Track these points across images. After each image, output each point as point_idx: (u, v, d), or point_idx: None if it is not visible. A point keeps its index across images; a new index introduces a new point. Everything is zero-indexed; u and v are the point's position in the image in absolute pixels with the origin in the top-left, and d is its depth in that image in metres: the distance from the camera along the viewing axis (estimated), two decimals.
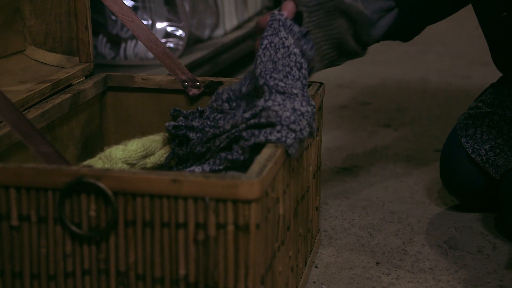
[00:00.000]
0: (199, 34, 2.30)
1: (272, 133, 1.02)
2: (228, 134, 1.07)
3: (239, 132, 1.05)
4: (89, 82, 1.31)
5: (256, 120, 1.04)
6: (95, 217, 0.93)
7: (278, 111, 1.04)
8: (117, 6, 1.30)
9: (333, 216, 1.46)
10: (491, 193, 1.43)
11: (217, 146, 1.09)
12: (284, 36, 1.16)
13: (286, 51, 1.16)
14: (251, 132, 1.04)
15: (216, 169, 1.06)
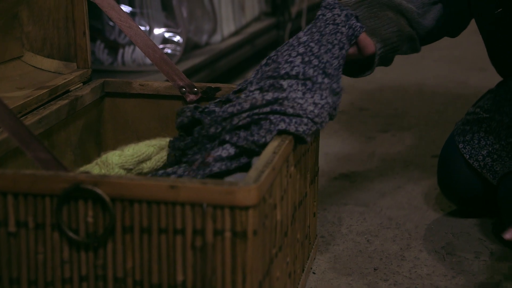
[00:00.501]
0: (197, 40, 2.30)
1: (300, 125, 1.07)
2: (249, 113, 1.09)
3: (264, 114, 1.08)
4: (87, 88, 1.31)
5: (281, 108, 1.08)
6: (92, 223, 0.93)
7: (303, 104, 1.10)
8: (115, 12, 1.30)
9: (330, 222, 1.46)
10: (489, 199, 1.43)
11: (234, 124, 1.10)
12: (337, 13, 1.23)
13: (334, 28, 1.21)
14: (281, 118, 1.07)
15: (232, 153, 1.07)
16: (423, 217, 1.49)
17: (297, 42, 1.19)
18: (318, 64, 1.17)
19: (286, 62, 1.17)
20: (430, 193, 1.60)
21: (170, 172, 1.10)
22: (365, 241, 1.38)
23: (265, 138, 1.07)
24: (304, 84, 1.14)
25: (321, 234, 1.41)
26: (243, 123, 1.09)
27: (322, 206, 1.53)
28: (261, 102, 1.10)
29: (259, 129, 1.08)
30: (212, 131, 1.12)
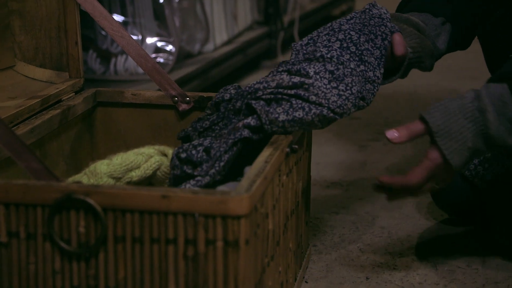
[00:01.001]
0: (189, 49, 2.30)
1: (318, 115, 1.12)
2: (273, 91, 1.13)
3: (287, 96, 1.12)
4: (79, 98, 1.31)
5: (305, 93, 1.12)
6: (84, 233, 0.93)
7: (327, 93, 1.13)
8: (107, 21, 1.30)
9: (322, 231, 1.47)
10: (481, 207, 1.43)
11: (258, 96, 1.13)
12: (384, 12, 1.26)
13: (379, 21, 1.24)
14: (301, 104, 1.12)
15: (258, 125, 1.11)
16: (415, 226, 1.49)
17: (338, 28, 1.23)
18: (355, 51, 1.20)
19: (324, 46, 1.21)
20: (422, 202, 1.60)
21: (196, 144, 1.12)
22: (357, 250, 1.39)
23: (278, 115, 1.11)
24: (334, 70, 1.17)
25: (314, 243, 1.41)
26: (265, 97, 1.13)
27: (314, 215, 1.53)
28: (287, 83, 1.14)
29: (277, 106, 1.12)
30: (238, 105, 1.16)
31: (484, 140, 1.14)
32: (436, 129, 1.13)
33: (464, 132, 1.13)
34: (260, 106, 1.12)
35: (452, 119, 1.13)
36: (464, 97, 1.15)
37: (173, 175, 1.11)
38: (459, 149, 1.13)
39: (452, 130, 1.13)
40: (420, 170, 1.15)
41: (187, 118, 1.34)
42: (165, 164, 1.18)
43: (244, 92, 1.15)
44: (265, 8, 2.89)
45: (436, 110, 1.14)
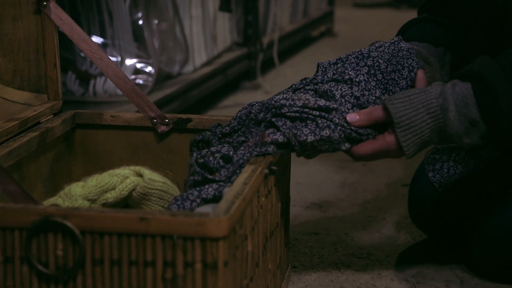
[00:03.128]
0: (169, 70, 2.31)
1: (342, 130, 1.16)
2: (298, 109, 1.15)
3: (313, 116, 1.16)
4: (58, 120, 1.31)
5: (329, 116, 1.16)
6: (62, 256, 0.92)
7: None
8: (85, 43, 1.30)
9: (302, 252, 1.47)
10: (459, 227, 1.44)
11: (283, 112, 1.15)
12: (410, 47, 1.27)
13: (407, 55, 1.26)
14: (327, 123, 1.15)
15: (285, 141, 1.14)
16: (394, 246, 1.50)
17: (367, 54, 1.26)
18: (381, 79, 1.23)
19: (353, 69, 1.23)
20: (400, 222, 1.61)
21: (214, 151, 1.13)
22: (337, 271, 1.39)
23: (306, 137, 1.14)
24: (360, 97, 1.20)
25: (293, 264, 1.41)
26: (291, 115, 1.15)
27: (294, 236, 1.53)
28: (313, 105, 1.16)
29: (304, 126, 1.15)
30: (260, 116, 1.17)
31: (440, 136, 1.17)
32: (397, 121, 1.16)
33: (423, 126, 1.16)
34: (287, 127, 1.15)
35: (414, 112, 1.16)
36: (429, 92, 1.17)
37: (194, 180, 1.13)
38: (415, 141, 1.17)
39: (413, 124, 1.16)
40: (371, 146, 1.18)
41: (166, 139, 1.34)
42: (140, 184, 1.18)
43: (269, 105, 1.17)
44: (244, 29, 2.91)
45: (400, 101, 1.17)
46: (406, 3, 5.28)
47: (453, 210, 1.44)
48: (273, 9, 3.19)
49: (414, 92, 1.17)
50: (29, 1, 1.30)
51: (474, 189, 1.42)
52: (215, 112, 2.50)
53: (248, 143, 1.15)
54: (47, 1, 1.28)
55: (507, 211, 1.30)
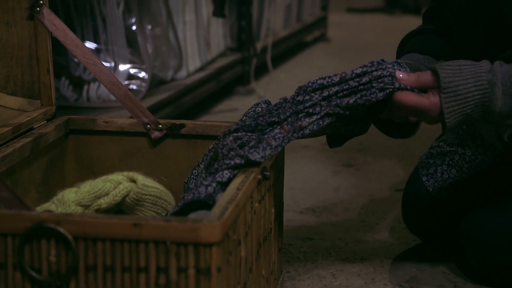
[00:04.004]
0: (162, 76, 2.31)
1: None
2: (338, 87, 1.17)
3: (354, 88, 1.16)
4: (51, 126, 1.31)
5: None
6: (55, 262, 0.92)
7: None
8: (78, 49, 1.30)
9: (296, 257, 1.47)
10: (453, 232, 1.44)
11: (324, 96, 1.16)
12: (405, 61, 1.25)
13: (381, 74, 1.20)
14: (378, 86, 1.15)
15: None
16: (387, 251, 1.50)
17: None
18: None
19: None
20: (394, 227, 1.61)
21: (249, 139, 1.14)
22: (331, 276, 1.39)
23: (348, 101, 1.14)
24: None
25: (287, 269, 1.41)
26: (346, 92, 1.16)
27: (288, 241, 1.53)
28: (351, 75, 1.17)
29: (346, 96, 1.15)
30: (299, 99, 1.17)
31: (483, 112, 1.16)
32: (444, 85, 1.15)
33: (469, 97, 1.15)
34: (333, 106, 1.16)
35: (462, 81, 1.15)
36: (480, 66, 1.16)
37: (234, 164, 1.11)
38: (458, 111, 1.15)
39: (459, 92, 1.15)
40: (415, 99, 1.16)
41: (159, 145, 1.34)
42: (134, 190, 1.18)
43: (308, 88, 1.17)
44: (238, 34, 2.91)
45: (450, 68, 1.16)
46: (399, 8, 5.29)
47: (447, 214, 1.45)
48: (267, 14, 3.20)
49: (465, 63, 1.17)
50: (22, 6, 1.30)
51: (468, 193, 1.42)
52: (209, 118, 2.50)
53: (283, 127, 1.15)
54: (40, 7, 1.28)
55: (500, 215, 1.31)
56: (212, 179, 1.08)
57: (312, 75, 1.30)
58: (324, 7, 4.19)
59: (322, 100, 1.16)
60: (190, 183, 1.23)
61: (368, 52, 3.68)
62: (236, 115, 2.53)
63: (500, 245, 1.29)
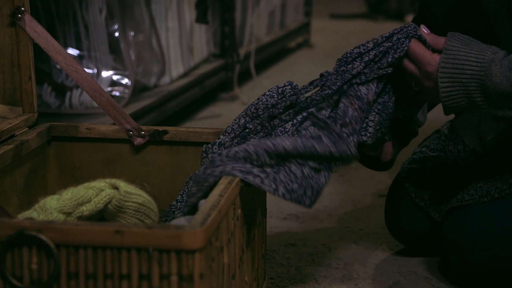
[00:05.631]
0: (145, 82, 2.30)
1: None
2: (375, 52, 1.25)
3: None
4: (33, 133, 1.31)
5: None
6: (37, 270, 0.92)
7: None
8: (61, 56, 1.30)
9: (279, 263, 1.47)
10: (435, 237, 1.45)
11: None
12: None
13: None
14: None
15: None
16: (371, 256, 1.50)
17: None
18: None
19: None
20: (378, 232, 1.61)
21: (301, 119, 1.20)
22: (314, 282, 1.39)
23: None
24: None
25: (270, 275, 1.41)
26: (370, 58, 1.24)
27: (271, 247, 1.53)
28: (382, 40, 1.25)
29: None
30: (343, 69, 1.25)
31: (479, 87, 1.19)
32: (447, 47, 1.21)
33: (465, 65, 1.20)
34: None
35: (465, 50, 1.20)
36: (490, 46, 1.21)
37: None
38: (452, 76, 1.20)
39: (458, 57, 1.20)
40: (422, 49, 1.23)
41: (142, 152, 1.33)
42: (116, 197, 1.17)
43: (352, 54, 1.25)
44: (221, 41, 2.91)
45: (460, 38, 1.22)
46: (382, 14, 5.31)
47: (429, 220, 1.45)
48: (250, 20, 3.20)
49: (478, 42, 1.22)
50: (4, 13, 1.29)
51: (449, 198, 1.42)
52: (192, 124, 2.50)
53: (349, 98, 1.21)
54: (22, 14, 1.28)
55: (481, 221, 1.31)
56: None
57: (296, 81, 1.30)
58: (308, 13, 4.20)
59: (365, 67, 1.23)
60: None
61: None
62: (220, 121, 2.53)
63: (482, 251, 1.30)
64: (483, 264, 1.30)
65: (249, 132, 1.23)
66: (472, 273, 1.32)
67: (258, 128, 1.22)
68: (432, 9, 1.37)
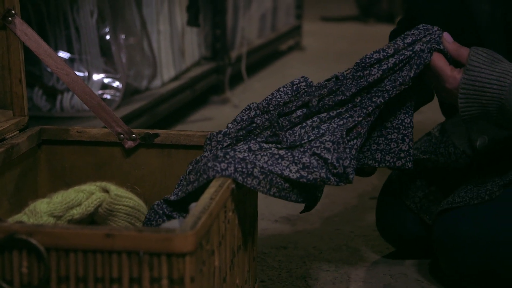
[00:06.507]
0: (137, 85, 2.30)
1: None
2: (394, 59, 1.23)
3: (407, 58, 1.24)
4: (23, 136, 1.30)
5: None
6: (27, 274, 0.91)
7: None
8: (51, 59, 1.30)
9: (270, 266, 1.47)
10: (426, 240, 1.45)
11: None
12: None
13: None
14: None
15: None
16: (361, 259, 1.50)
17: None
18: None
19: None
20: (368, 235, 1.62)
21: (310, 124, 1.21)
22: (305, 285, 1.39)
23: (407, 75, 1.22)
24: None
25: (261, 278, 1.41)
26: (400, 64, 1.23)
27: (262, 249, 1.53)
28: (403, 45, 1.23)
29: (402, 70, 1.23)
30: (359, 74, 1.23)
31: (498, 109, 1.19)
32: (469, 67, 1.20)
33: (487, 88, 1.20)
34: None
35: (488, 71, 1.20)
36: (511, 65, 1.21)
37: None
38: (473, 96, 1.20)
39: (479, 79, 1.20)
40: (443, 64, 1.22)
41: (133, 155, 1.33)
42: (106, 200, 1.17)
43: (365, 61, 1.23)
44: (212, 43, 2.91)
45: (483, 55, 1.21)
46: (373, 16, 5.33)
47: (420, 222, 1.45)
48: (241, 23, 3.20)
49: (500, 58, 1.21)
50: None
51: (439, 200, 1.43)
52: (183, 127, 2.50)
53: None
54: (13, 17, 1.28)
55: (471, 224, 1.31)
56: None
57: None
58: (299, 16, 4.20)
59: (382, 75, 1.22)
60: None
61: (342, 60, 3.70)
62: (211, 124, 2.53)
63: (472, 253, 1.30)
64: (474, 266, 1.30)
65: (256, 127, 1.22)
66: (463, 275, 1.33)
67: (265, 124, 1.22)
68: (422, 12, 1.37)
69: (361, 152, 1.27)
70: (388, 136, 1.26)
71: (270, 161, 1.13)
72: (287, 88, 1.26)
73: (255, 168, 1.10)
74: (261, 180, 1.11)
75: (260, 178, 1.10)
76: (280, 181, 1.12)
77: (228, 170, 1.09)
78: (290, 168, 1.13)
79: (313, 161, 1.14)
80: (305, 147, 1.17)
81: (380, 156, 1.26)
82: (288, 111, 1.23)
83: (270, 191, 1.12)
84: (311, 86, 1.25)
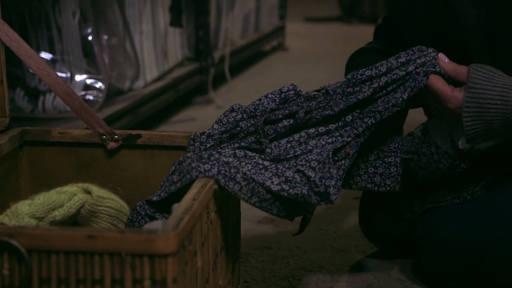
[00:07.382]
0: (119, 86, 2.29)
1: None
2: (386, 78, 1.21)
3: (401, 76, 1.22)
4: (4, 137, 1.30)
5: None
6: (8, 276, 0.91)
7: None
8: (33, 60, 1.29)
9: (254, 266, 1.47)
10: (409, 239, 1.46)
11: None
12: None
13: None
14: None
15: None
16: (345, 259, 1.50)
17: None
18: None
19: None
20: (352, 235, 1.62)
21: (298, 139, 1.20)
22: (288, 285, 1.39)
23: (401, 97, 1.20)
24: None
25: (245, 279, 1.41)
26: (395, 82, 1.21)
27: (246, 250, 1.53)
28: (396, 64, 1.21)
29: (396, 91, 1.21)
30: (349, 90, 1.21)
31: (503, 124, 1.18)
32: (471, 85, 1.19)
33: (491, 105, 1.18)
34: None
35: (489, 87, 1.18)
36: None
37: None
38: (477, 114, 1.19)
39: (482, 96, 1.18)
40: (442, 85, 1.21)
41: (115, 156, 1.33)
42: (88, 202, 1.17)
43: (356, 80, 1.21)
44: (195, 44, 2.91)
45: (484, 72, 1.20)
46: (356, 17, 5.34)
47: (403, 221, 1.46)
48: (225, 24, 3.20)
49: (500, 73, 1.20)
50: None
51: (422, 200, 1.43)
52: (167, 128, 2.50)
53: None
54: None
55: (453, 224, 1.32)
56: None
57: (270, 84, 1.31)
58: (282, 16, 4.21)
59: (373, 93, 1.20)
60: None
61: (326, 61, 3.70)
62: (194, 125, 2.53)
63: (454, 253, 1.30)
64: (456, 266, 1.31)
65: (240, 131, 1.21)
66: (445, 275, 1.33)
67: (250, 129, 1.21)
68: (404, 15, 1.37)
69: (358, 176, 1.26)
70: (385, 159, 1.25)
71: (253, 170, 1.13)
72: (275, 95, 1.25)
73: (238, 173, 1.10)
74: (243, 186, 1.10)
75: (242, 184, 1.10)
76: (261, 191, 1.12)
77: (212, 171, 1.09)
78: (272, 179, 1.13)
79: (296, 177, 1.13)
80: (290, 163, 1.16)
81: (379, 180, 1.26)
82: (274, 119, 1.22)
83: (251, 200, 1.12)
84: (299, 96, 1.24)
